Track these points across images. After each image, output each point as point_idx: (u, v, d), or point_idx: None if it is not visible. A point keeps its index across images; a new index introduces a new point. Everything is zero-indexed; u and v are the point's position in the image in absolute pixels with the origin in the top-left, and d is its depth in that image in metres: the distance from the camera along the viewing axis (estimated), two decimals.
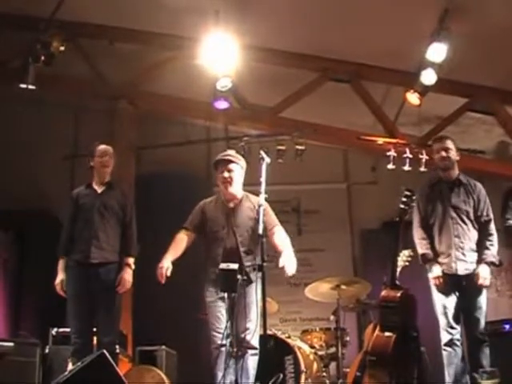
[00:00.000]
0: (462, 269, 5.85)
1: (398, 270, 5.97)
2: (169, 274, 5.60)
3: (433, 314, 6.02)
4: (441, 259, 5.94)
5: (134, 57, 8.45)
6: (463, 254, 5.88)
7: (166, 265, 5.60)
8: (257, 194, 5.46)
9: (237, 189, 5.80)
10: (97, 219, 6.01)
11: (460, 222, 5.96)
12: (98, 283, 5.87)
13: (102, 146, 6.31)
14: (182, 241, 5.82)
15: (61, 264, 5.99)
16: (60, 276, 5.96)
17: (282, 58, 8.41)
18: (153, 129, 9.35)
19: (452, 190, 6.07)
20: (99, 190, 6.22)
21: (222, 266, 5.48)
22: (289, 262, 5.48)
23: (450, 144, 6.14)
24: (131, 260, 6.06)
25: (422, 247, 6.00)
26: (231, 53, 7.32)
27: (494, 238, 5.98)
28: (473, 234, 5.96)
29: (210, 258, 5.74)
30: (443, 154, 6.09)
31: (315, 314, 9.12)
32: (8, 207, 8.72)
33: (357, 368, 6.06)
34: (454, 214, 5.97)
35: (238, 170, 5.81)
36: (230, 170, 5.73)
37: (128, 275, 6.01)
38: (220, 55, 7.33)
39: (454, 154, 6.12)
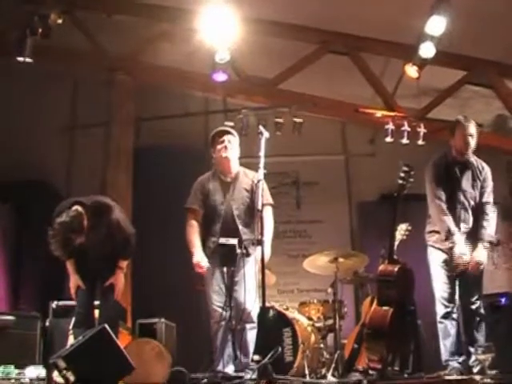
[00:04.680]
0: (462, 251, 5.86)
1: (396, 244, 6.00)
2: (206, 266, 5.62)
3: (429, 287, 6.08)
4: (442, 240, 5.97)
5: (132, 28, 8.40)
6: (467, 239, 5.91)
7: (203, 261, 5.62)
8: (254, 166, 5.53)
9: (233, 159, 5.87)
10: (88, 244, 5.65)
11: (467, 206, 5.99)
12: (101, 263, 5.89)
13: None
14: (196, 226, 5.82)
15: (71, 267, 5.81)
16: (73, 278, 5.80)
17: (280, 30, 8.38)
18: (151, 101, 9.34)
19: (463, 172, 6.05)
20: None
21: (222, 240, 5.57)
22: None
23: (475, 130, 6.07)
24: (124, 263, 5.90)
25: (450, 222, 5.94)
26: (230, 25, 7.27)
27: (492, 218, 6.01)
28: (473, 220, 6.01)
29: (208, 232, 5.79)
30: (470, 140, 6.01)
31: (313, 285, 9.17)
32: (6, 179, 8.74)
33: (354, 340, 6.12)
34: (462, 198, 6.00)
35: (234, 143, 5.90)
36: (228, 140, 5.85)
37: (119, 280, 5.85)
38: (218, 27, 7.30)
39: (475, 141, 6.08)
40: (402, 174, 5.73)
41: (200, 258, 5.63)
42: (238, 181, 5.86)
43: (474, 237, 5.92)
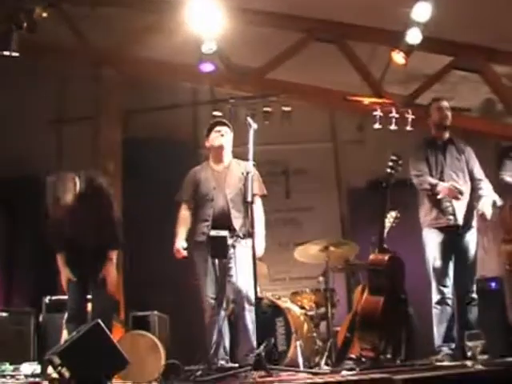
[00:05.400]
0: (459, 219, 6.06)
1: (386, 231, 6.05)
2: (185, 253, 5.72)
3: (420, 275, 6.13)
4: (437, 214, 6.13)
5: (118, 21, 8.33)
6: (460, 206, 6.07)
7: (181, 245, 5.71)
8: (243, 156, 5.62)
9: (227, 149, 5.96)
10: (80, 231, 5.78)
11: (455, 178, 6.14)
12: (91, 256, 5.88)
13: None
14: (187, 218, 5.90)
15: (60, 260, 5.86)
16: (64, 272, 5.84)
17: (265, 18, 8.34)
18: (139, 93, 9.30)
19: (446, 148, 6.29)
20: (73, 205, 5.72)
21: (212, 233, 5.60)
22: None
23: (448, 104, 6.42)
24: (114, 254, 5.91)
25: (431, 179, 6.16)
26: (216, 15, 7.25)
27: (488, 184, 6.23)
28: (467, 189, 6.16)
29: (200, 218, 5.82)
30: (448, 112, 6.36)
31: (304, 273, 9.13)
32: None
33: (346, 329, 6.17)
34: (450, 171, 6.16)
35: (229, 135, 5.98)
36: (224, 130, 5.96)
37: (111, 272, 5.87)
38: (204, 17, 7.27)
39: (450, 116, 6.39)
40: (391, 164, 5.80)
41: (180, 245, 5.71)
42: (231, 169, 5.93)
43: (469, 205, 6.11)
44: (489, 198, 6.09)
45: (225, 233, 5.56)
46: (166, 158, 9.04)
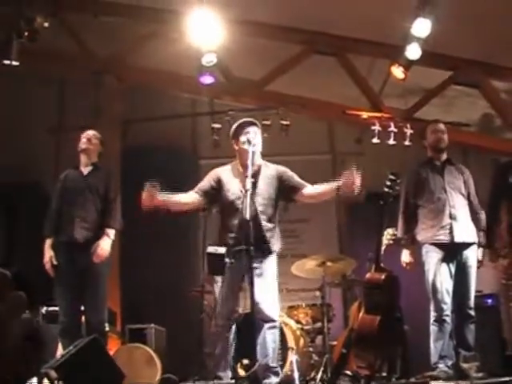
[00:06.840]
0: (459, 236, 6.05)
1: (383, 248, 6.06)
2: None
3: (417, 292, 6.14)
4: (437, 230, 6.11)
5: (119, 30, 8.39)
6: (460, 223, 6.08)
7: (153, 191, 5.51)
8: None
9: (257, 152, 5.53)
10: (82, 201, 6.08)
11: (454, 195, 6.17)
12: (84, 262, 5.89)
13: (85, 132, 6.45)
14: (185, 196, 5.62)
15: (47, 243, 6.04)
16: (47, 254, 6.00)
17: (266, 31, 8.39)
18: (139, 102, 9.30)
19: (444, 168, 6.32)
20: (85, 171, 6.31)
21: (210, 249, 5.43)
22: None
23: (444, 127, 6.47)
24: (111, 231, 6.03)
25: (400, 231, 6.34)
26: (216, 26, 7.26)
27: (484, 219, 6.27)
28: (466, 205, 6.21)
29: (225, 227, 5.57)
30: (443, 136, 6.40)
31: (302, 286, 9.15)
32: None
33: (342, 345, 6.18)
34: (448, 188, 6.19)
35: (258, 135, 5.62)
36: (253, 131, 5.58)
37: (104, 243, 5.93)
38: (205, 29, 7.28)
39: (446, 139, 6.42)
40: (388, 183, 5.80)
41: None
42: (260, 174, 5.57)
43: (466, 220, 6.13)
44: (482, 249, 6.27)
45: (222, 250, 5.30)
46: (164, 168, 9.01)
